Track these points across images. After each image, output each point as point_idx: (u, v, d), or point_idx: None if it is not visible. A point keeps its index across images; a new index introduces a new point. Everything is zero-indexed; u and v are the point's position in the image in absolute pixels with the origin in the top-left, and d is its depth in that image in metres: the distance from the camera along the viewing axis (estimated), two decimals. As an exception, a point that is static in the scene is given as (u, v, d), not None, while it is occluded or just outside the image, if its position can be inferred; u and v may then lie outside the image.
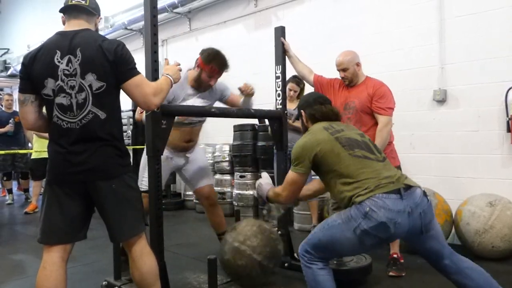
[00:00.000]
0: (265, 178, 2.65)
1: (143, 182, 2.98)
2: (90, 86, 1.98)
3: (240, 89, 3.23)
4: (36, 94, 2.04)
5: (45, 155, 6.06)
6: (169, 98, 2.91)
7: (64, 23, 2.13)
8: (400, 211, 1.97)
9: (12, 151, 6.39)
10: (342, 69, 3.30)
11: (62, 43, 2.00)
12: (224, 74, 3.20)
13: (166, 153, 3.00)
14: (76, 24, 2.08)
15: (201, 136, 3.45)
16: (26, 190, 7.84)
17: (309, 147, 2.23)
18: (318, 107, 2.46)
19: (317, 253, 2.15)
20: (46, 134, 2.12)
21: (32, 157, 6.52)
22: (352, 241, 2.03)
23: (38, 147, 6.32)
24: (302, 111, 2.53)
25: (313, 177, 4.56)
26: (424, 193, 2.09)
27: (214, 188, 5.81)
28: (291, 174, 2.32)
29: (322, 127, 2.32)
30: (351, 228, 2.00)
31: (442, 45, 4.23)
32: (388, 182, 2.04)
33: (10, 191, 7.61)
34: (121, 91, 2.09)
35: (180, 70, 2.38)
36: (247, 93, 3.22)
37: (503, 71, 3.86)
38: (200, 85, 3.08)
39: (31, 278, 2.09)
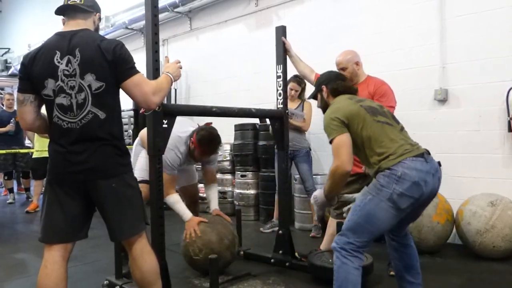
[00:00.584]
0: (317, 192, 2.49)
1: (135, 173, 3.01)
2: (89, 86, 1.98)
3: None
4: (35, 94, 2.04)
5: (46, 154, 6.08)
6: (179, 164, 3.24)
7: (64, 24, 2.13)
8: (428, 172, 2.14)
9: (13, 150, 6.39)
10: (341, 68, 3.30)
11: (61, 43, 2.00)
12: (226, 74, 3.21)
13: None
14: (74, 24, 2.08)
15: None
16: (27, 189, 7.84)
17: (337, 111, 2.29)
18: (340, 82, 2.54)
19: (357, 238, 2.15)
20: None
21: (34, 156, 6.52)
22: (389, 210, 2.10)
23: (39, 146, 6.33)
24: (323, 86, 2.56)
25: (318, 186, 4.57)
26: (439, 164, 2.28)
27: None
28: (334, 141, 2.23)
29: (346, 97, 2.43)
30: (386, 196, 2.09)
31: (443, 44, 4.22)
32: (414, 148, 2.21)
33: (11, 191, 7.61)
34: (121, 91, 2.09)
35: (181, 68, 2.38)
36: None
37: (504, 70, 3.86)
38: (193, 158, 3.30)
39: (33, 277, 2.09)
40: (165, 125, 2.62)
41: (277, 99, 3.50)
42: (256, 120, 5.52)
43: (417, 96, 4.38)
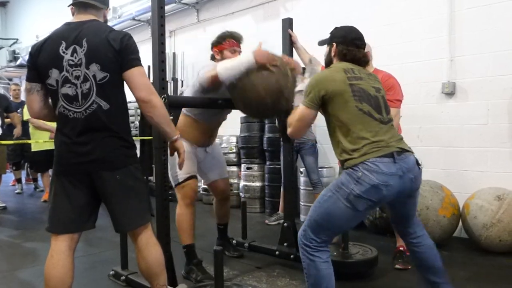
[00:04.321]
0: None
1: (178, 174, 3.02)
2: (94, 76, 1.98)
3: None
4: (41, 83, 2.07)
5: (45, 147, 6.10)
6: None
7: (73, 14, 2.14)
8: (392, 174, 2.02)
9: (20, 141, 6.41)
10: None
11: (68, 33, 2.01)
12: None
13: (187, 147, 3.00)
14: (84, 16, 2.09)
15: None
16: (35, 180, 7.91)
17: (323, 82, 2.19)
18: (353, 49, 2.34)
19: (318, 235, 2.12)
20: (44, 126, 2.12)
21: (32, 149, 6.36)
22: (346, 209, 2.04)
23: (36, 139, 6.19)
24: (334, 43, 2.40)
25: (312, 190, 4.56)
26: (417, 161, 2.15)
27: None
28: (300, 108, 2.26)
29: (343, 68, 2.25)
30: (344, 195, 2.03)
31: (452, 37, 4.18)
32: (383, 146, 2.06)
33: (19, 181, 7.66)
34: (122, 83, 2.08)
35: None
36: None
37: (513, 64, 3.82)
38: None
39: (41, 267, 2.11)
40: (170, 117, 2.62)
41: (283, 91, 3.48)
42: (262, 113, 5.55)
43: (425, 89, 4.35)
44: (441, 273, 2.26)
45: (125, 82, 2.06)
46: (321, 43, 2.58)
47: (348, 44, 2.35)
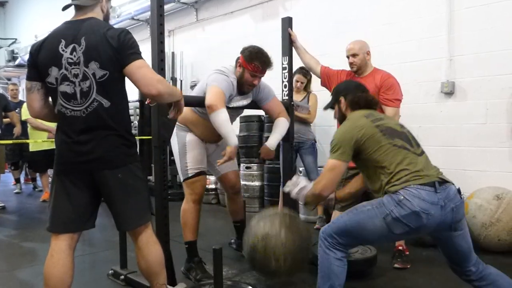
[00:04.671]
0: (300, 182, 2.39)
1: (188, 168, 2.99)
2: (93, 74, 1.98)
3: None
4: (42, 82, 2.06)
5: (43, 147, 6.09)
6: (231, 97, 2.91)
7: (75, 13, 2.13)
8: (434, 203, 1.98)
9: (19, 140, 6.40)
10: (352, 54, 3.28)
11: (67, 32, 2.01)
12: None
13: (197, 140, 3.04)
14: (82, 14, 2.08)
15: None
16: (33, 180, 7.90)
17: (350, 133, 2.17)
18: (361, 94, 2.39)
19: (341, 238, 2.11)
20: (42, 126, 2.10)
21: (31, 149, 6.34)
22: (380, 228, 2.02)
23: (34, 139, 6.17)
24: (341, 98, 2.44)
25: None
26: (459, 191, 2.10)
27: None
28: (330, 162, 2.20)
29: (363, 114, 2.27)
30: (382, 214, 2.00)
31: (450, 36, 4.18)
32: (424, 175, 2.04)
33: (18, 180, 7.66)
34: (122, 81, 2.08)
35: None
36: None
37: (512, 63, 3.83)
38: (243, 85, 2.96)
39: (40, 266, 2.12)
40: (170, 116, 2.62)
41: (283, 91, 3.49)
42: (261, 112, 5.54)
43: (424, 89, 4.36)
44: None
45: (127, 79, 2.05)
46: (327, 107, 2.58)
47: (354, 92, 2.40)
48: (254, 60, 2.86)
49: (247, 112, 5.40)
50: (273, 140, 3.09)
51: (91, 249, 3.84)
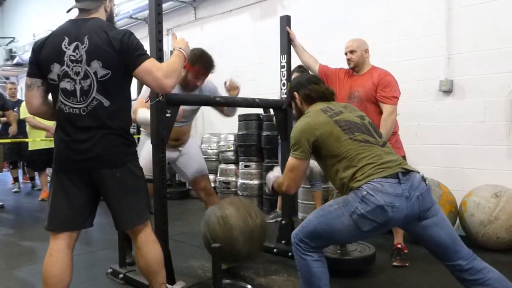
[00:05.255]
0: (274, 171, 2.55)
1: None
2: (95, 73, 1.98)
3: (225, 85, 3.18)
4: (42, 79, 2.06)
5: (41, 146, 6.09)
6: None
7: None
8: (398, 195, 1.93)
9: (17, 140, 6.39)
10: (350, 51, 3.30)
11: (71, 29, 2.01)
12: (230, 64, 3.18)
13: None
14: (86, 13, 2.09)
15: (193, 132, 3.42)
16: (32, 179, 7.89)
17: (308, 130, 2.12)
18: (313, 86, 2.33)
19: (312, 241, 2.08)
20: (40, 125, 2.09)
21: (29, 148, 6.33)
22: (349, 227, 1.97)
23: (33, 138, 6.18)
24: (295, 93, 2.38)
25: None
26: (423, 178, 2.05)
27: (219, 177, 5.88)
28: (290, 160, 2.19)
29: (320, 109, 2.21)
30: (348, 212, 1.95)
31: (449, 35, 4.18)
32: (387, 167, 1.99)
33: (16, 179, 7.65)
34: (125, 81, 2.09)
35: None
36: (232, 89, 3.17)
37: (510, 61, 3.82)
38: (188, 85, 3.05)
39: (39, 265, 2.12)
40: (168, 115, 2.62)
41: (281, 89, 3.49)
42: (260, 111, 5.55)
43: (422, 87, 4.36)
44: None
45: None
46: (286, 104, 2.57)
47: (306, 85, 2.35)
48: (196, 63, 2.94)
49: (245, 111, 5.45)
50: None
51: (90, 248, 3.84)
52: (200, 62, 2.96)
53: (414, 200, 1.95)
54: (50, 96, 2.13)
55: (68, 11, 2.13)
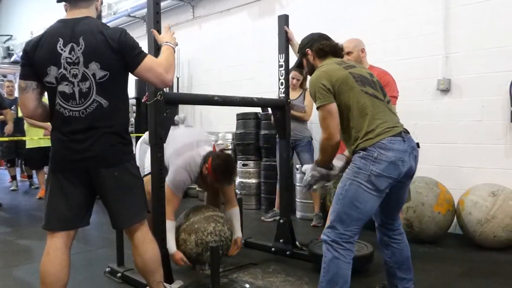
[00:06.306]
0: (305, 170, 2.47)
1: (145, 171, 3.04)
2: (93, 75, 1.97)
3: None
4: (37, 81, 2.03)
5: (39, 144, 6.08)
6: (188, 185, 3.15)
7: (66, 11, 2.11)
8: (405, 151, 2.11)
9: (15, 138, 6.37)
10: (346, 52, 3.29)
11: (64, 30, 1.98)
12: (229, 63, 3.17)
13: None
14: (77, 12, 2.05)
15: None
16: (29, 177, 7.87)
17: (324, 77, 2.18)
18: (326, 41, 2.40)
19: (348, 226, 2.10)
20: (38, 123, 2.08)
21: (27, 146, 6.35)
22: (369, 191, 2.07)
23: (31, 136, 6.18)
24: (307, 49, 2.43)
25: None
26: (417, 144, 2.25)
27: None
28: (320, 112, 2.18)
29: (334, 62, 2.29)
30: (364, 178, 2.06)
31: (447, 34, 4.19)
32: (393, 126, 2.14)
33: (14, 178, 7.62)
34: (123, 81, 2.09)
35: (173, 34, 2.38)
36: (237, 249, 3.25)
37: (508, 60, 3.83)
38: (205, 182, 3.11)
39: (36, 264, 2.12)
40: (167, 114, 2.62)
41: (279, 88, 3.49)
42: (258, 109, 5.55)
43: (420, 86, 4.36)
44: (411, 270, 2.39)
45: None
46: (297, 63, 2.59)
47: (319, 40, 2.41)
48: (217, 174, 2.96)
49: (244, 109, 5.45)
50: (239, 229, 3.28)
51: (87, 246, 3.84)
52: (222, 175, 2.98)
53: (412, 158, 2.16)
54: (44, 98, 2.10)
55: (59, 0, 2.07)
